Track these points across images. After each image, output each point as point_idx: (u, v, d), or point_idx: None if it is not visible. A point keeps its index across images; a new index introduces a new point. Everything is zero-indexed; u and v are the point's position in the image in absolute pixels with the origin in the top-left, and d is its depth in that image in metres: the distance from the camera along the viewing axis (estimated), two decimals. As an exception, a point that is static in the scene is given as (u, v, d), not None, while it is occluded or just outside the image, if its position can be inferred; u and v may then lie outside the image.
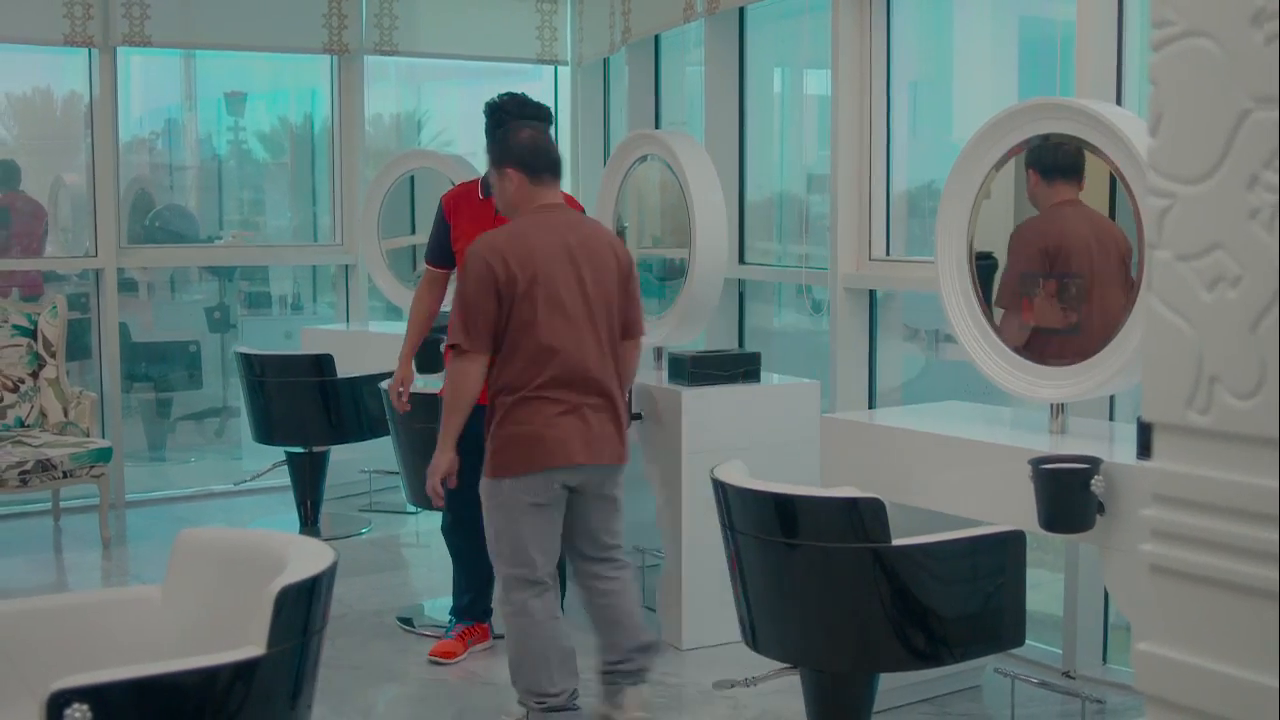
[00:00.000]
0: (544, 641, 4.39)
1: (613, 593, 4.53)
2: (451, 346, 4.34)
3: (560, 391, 4.32)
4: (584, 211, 5.00)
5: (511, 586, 4.40)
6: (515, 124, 4.68)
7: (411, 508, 7.38)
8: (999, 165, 4.44)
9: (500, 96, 5.26)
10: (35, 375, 7.43)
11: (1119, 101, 4.81)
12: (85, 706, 2.69)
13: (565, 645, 4.43)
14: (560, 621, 4.46)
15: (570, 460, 4.34)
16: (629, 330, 4.54)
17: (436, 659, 5.35)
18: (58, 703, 2.68)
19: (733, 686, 4.56)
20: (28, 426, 7.33)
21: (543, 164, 4.48)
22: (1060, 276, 4.43)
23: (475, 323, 4.29)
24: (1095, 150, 4.12)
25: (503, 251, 4.31)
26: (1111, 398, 4.86)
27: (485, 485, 4.42)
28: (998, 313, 4.51)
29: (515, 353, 4.32)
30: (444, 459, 4.44)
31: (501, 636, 4.57)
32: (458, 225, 5.34)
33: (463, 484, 4.58)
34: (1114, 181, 4.16)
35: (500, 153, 4.51)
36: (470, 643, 5.44)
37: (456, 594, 5.55)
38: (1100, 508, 3.81)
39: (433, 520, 7.33)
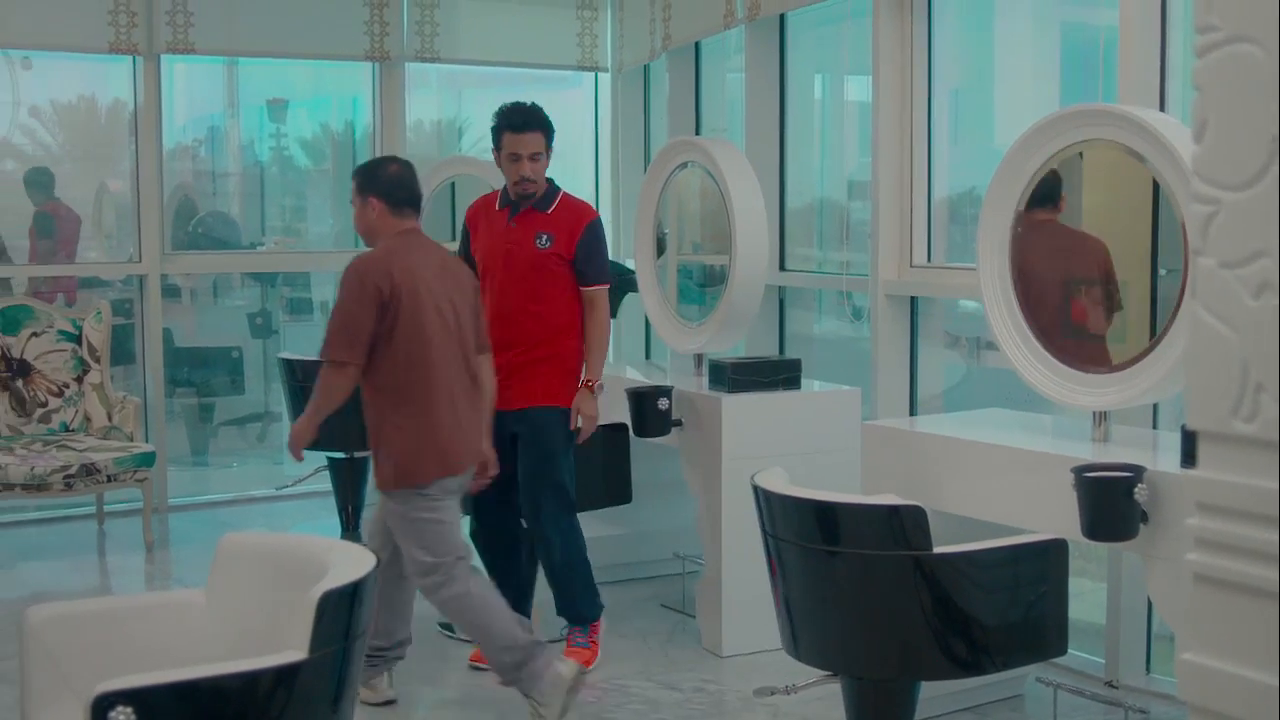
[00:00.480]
0: (495, 600, 4.72)
1: (412, 588, 4.93)
2: (334, 361, 4.62)
3: (457, 394, 4.72)
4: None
5: (454, 570, 4.68)
6: (384, 159, 5.01)
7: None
8: (1041, 171, 4.44)
9: (504, 105, 5.34)
10: (80, 380, 7.49)
11: (1162, 108, 4.78)
12: (129, 709, 2.71)
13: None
14: None
15: (476, 458, 4.84)
16: (483, 346, 4.90)
17: (476, 664, 5.36)
18: (102, 705, 2.70)
19: (773, 694, 4.55)
20: (72, 431, 7.39)
21: (404, 196, 4.81)
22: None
23: (358, 337, 4.58)
24: (1138, 157, 4.10)
25: (388, 267, 4.62)
26: (1155, 405, 4.84)
27: (406, 495, 4.68)
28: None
29: (411, 362, 4.63)
30: (311, 432, 4.85)
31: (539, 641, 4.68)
32: (476, 235, 5.40)
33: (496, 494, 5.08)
34: (1157, 189, 4.14)
35: (366, 182, 4.82)
36: None
37: None
38: (1144, 516, 3.78)
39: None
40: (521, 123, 5.21)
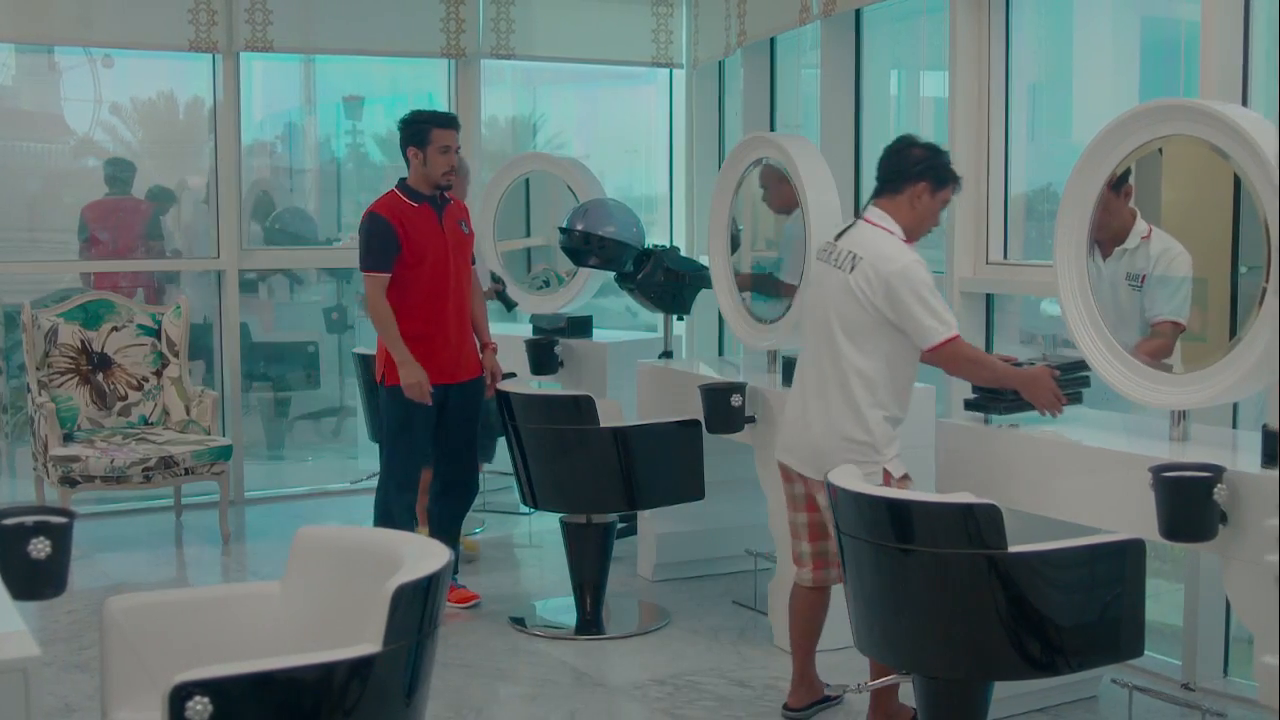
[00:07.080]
0: None
1: None
2: None
3: None
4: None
5: None
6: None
7: (525, 508, 7.41)
8: (1121, 168, 4.39)
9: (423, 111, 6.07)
10: (159, 374, 7.59)
11: (1245, 103, 4.71)
12: (206, 699, 2.74)
13: None
14: None
15: None
16: None
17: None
18: (180, 695, 2.73)
19: (845, 692, 4.54)
20: (151, 424, 7.48)
21: None
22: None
23: None
24: (1220, 153, 4.05)
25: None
26: (1235, 404, 4.77)
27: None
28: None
29: None
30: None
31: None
32: (407, 234, 5.97)
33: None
34: (1238, 185, 4.08)
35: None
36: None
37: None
38: (1223, 517, 3.73)
39: (546, 521, 7.38)
40: (448, 120, 5.95)
